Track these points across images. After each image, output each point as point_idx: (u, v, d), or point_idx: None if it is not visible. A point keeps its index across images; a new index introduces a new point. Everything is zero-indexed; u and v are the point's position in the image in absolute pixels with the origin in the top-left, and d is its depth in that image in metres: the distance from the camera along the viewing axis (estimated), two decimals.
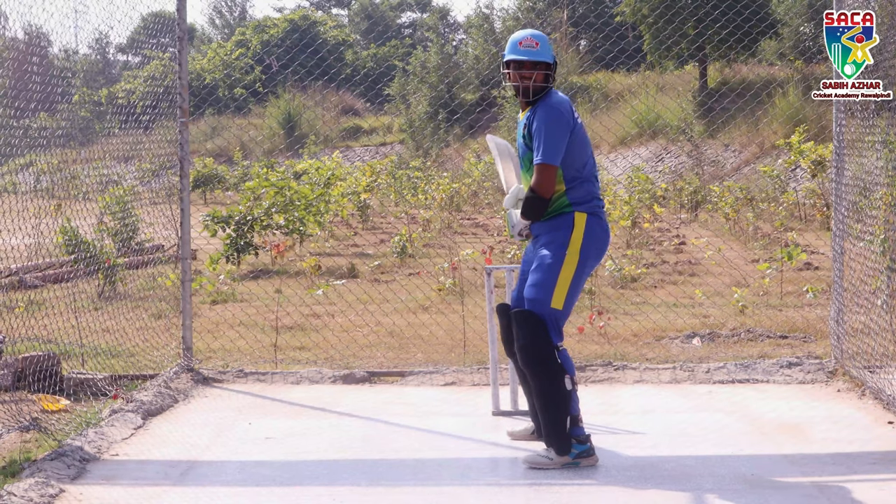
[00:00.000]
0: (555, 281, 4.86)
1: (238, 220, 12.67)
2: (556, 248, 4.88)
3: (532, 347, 4.84)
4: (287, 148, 29.84)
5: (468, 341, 7.81)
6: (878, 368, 6.16)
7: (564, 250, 4.88)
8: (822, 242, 13.08)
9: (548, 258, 4.88)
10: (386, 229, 16.91)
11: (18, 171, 9.40)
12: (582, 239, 4.90)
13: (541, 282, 4.87)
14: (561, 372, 4.84)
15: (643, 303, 9.68)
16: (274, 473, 4.95)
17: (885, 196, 6.27)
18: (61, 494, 4.56)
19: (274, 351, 7.68)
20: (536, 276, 4.90)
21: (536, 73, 4.98)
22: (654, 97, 24.49)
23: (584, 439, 4.89)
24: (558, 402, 4.83)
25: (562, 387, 4.83)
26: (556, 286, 4.86)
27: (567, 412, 4.84)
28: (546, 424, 4.89)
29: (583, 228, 4.90)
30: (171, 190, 7.63)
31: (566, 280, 4.87)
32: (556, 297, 4.86)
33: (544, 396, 4.85)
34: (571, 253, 4.88)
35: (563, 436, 4.85)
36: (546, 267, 4.88)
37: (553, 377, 4.83)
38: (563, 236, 4.89)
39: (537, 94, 4.99)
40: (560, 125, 4.88)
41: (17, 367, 6.46)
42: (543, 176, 4.85)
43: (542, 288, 4.86)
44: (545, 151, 4.84)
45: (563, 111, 4.91)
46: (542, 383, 4.85)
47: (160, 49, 7.96)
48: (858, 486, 4.58)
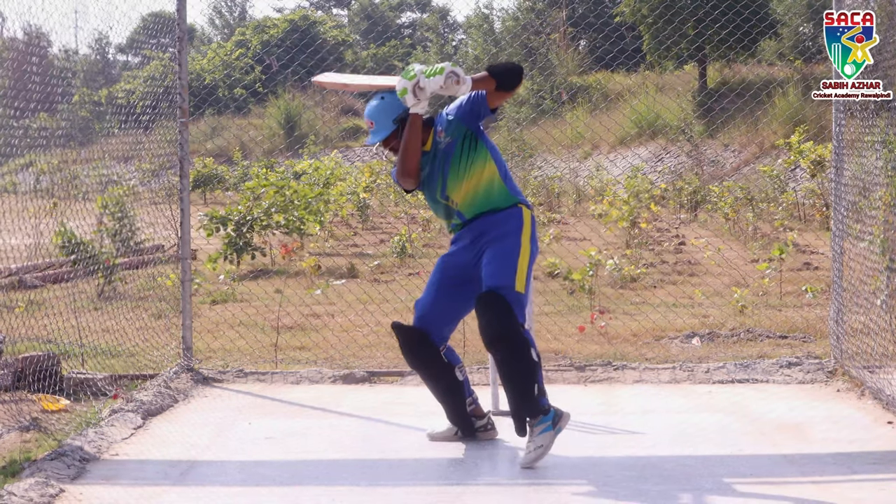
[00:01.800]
0: (515, 266, 4.91)
1: (237, 220, 12.68)
2: (513, 238, 4.94)
3: (500, 325, 4.86)
4: (287, 148, 29.84)
5: (468, 341, 7.81)
6: (877, 368, 6.16)
7: (519, 239, 4.95)
8: (821, 242, 13.08)
9: (506, 247, 4.93)
10: (386, 229, 16.91)
11: (18, 172, 9.39)
12: (530, 233, 5.00)
13: (502, 269, 4.91)
14: (527, 345, 4.89)
15: (643, 303, 9.68)
16: (274, 473, 4.95)
17: (885, 196, 6.27)
18: (61, 494, 4.56)
19: (274, 351, 7.68)
20: (496, 265, 4.93)
21: (393, 144, 5.08)
22: (654, 97, 24.49)
23: (548, 408, 4.93)
24: (530, 371, 4.88)
25: (531, 358, 4.88)
26: (517, 272, 4.91)
27: (535, 380, 4.89)
28: (522, 396, 4.89)
29: (530, 223, 5.01)
30: (171, 190, 7.63)
31: (524, 268, 4.94)
32: (518, 281, 4.90)
33: (516, 371, 4.88)
34: (525, 244, 4.96)
35: (535, 401, 4.89)
36: (506, 254, 4.92)
37: (523, 349, 4.87)
38: (516, 227, 4.97)
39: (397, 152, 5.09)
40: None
41: (17, 367, 6.46)
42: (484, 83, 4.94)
43: (504, 275, 4.89)
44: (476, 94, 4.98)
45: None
46: (513, 357, 4.87)
47: (160, 49, 7.96)
48: (858, 486, 4.58)
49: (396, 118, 5.05)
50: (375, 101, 5.11)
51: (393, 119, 5.06)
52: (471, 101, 5.02)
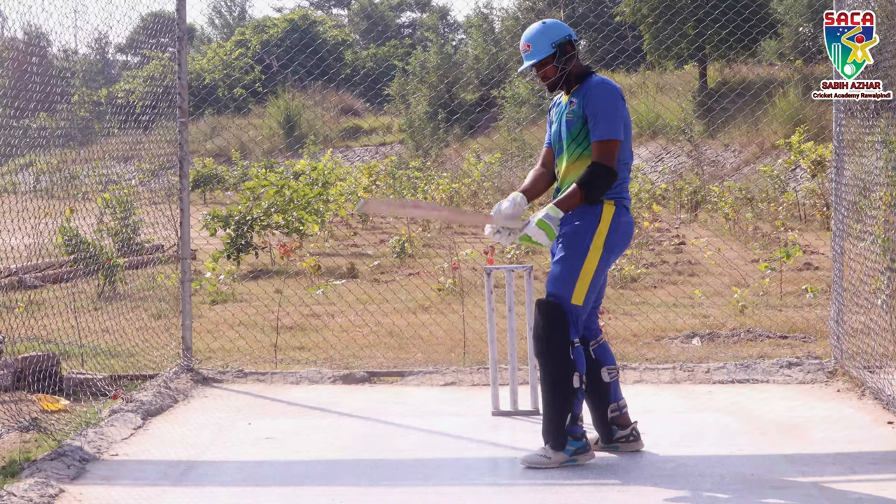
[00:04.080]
0: (576, 276, 4.81)
1: (238, 219, 12.68)
2: (580, 240, 4.81)
3: (549, 339, 4.81)
4: (287, 148, 29.84)
5: (468, 341, 7.81)
6: (877, 368, 6.15)
7: (589, 243, 4.81)
8: (821, 242, 13.07)
9: (571, 250, 4.82)
10: (386, 229, 16.91)
11: (18, 172, 9.39)
12: (608, 231, 4.83)
13: (562, 276, 4.82)
14: (572, 368, 4.81)
15: (643, 303, 9.68)
16: (274, 473, 4.95)
17: (885, 196, 6.27)
18: (61, 494, 4.56)
19: (274, 351, 7.68)
20: (558, 268, 4.84)
21: (545, 70, 4.98)
22: (654, 97, 24.49)
23: (580, 436, 4.88)
24: (564, 396, 4.82)
25: (570, 383, 4.81)
26: (577, 282, 4.81)
27: (570, 409, 4.83)
28: (547, 417, 4.88)
29: (609, 220, 4.83)
30: (171, 190, 7.63)
31: (588, 275, 4.81)
32: (577, 293, 4.82)
33: (551, 389, 4.84)
34: (596, 247, 4.81)
35: (562, 431, 4.84)
36: (569, 260, 4.82)
37: (563, 372, 4.80)
38: (590, 227, 4.82)
39: (556, 84, 4.98)
40: (616, 102, 4.85)
41: (17, 367, 6.46)
42: (606, 149, 4.78)
43: (563, 283, 4.81)
44: (606, 127, 4.79)
45: (617, 90, 4.89)
46: (551, 376, 4.83)
47: (160, 49, 7.95)
48: (858, 486, 4.57)
49: (556, 42, 4.97)
50: (538, 24, 5.04)
51: (552, 43, 4.97)
52: (594, 112, 4.85)
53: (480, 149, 25.68)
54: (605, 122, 4.81)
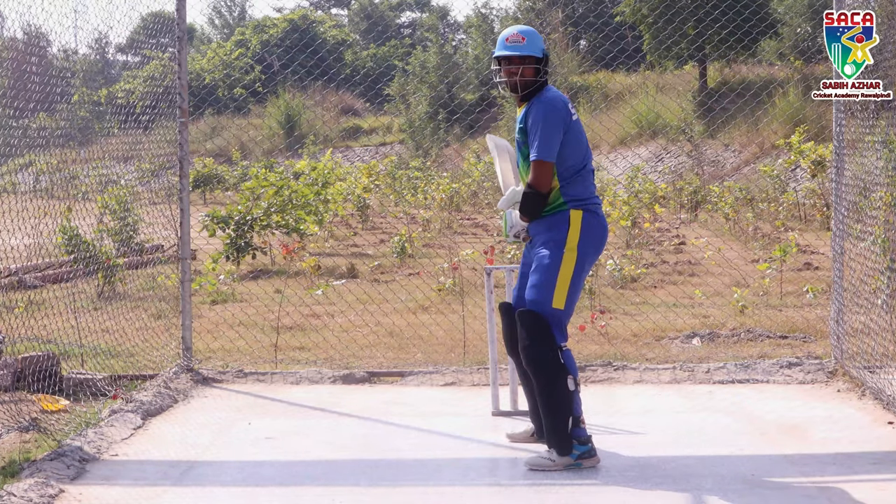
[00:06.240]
0: (554, 281, 4.85)
1: (238, 220, 12.67)
2: (554, 248, 4.87)
3: (535, 348, 4.84)
4: (287, 148, 29.84)
5: (468, 341, 7.81)
6: (877, 368, 6.15)
7: (562, 249, 4.86)
8: (822, 242, 13.07)
9: (546, 258, 4.87)
10: (386, 229, 16.91)
11: (18, 171, 9.39)
12: (579, 236, 4.88)
13: (541, 282, 4.87)
14: (563, 372, 4.83)
15: (643, 303, 9.68)
16: (274, 473, 4.95)
17: (885, 196, 6.27)
18: (61, 494, 4.56)
19: (274, 351, 7.68)
20: (536, 276, 4.89)
21: (524, 68, 4.98)
22: (654, 97, 24.48)
23: (585, 440, 4.89)
24: (560, 402, 4.82)
25: (564, 387, 4.82)
26: (556, 286, 4.85)
27: (569, 413, 4.84)
28: (548, 425, 4.88)
29: (579, 226, 4.89)
30: (171, 190, 7.63)
31: (566, 279, 4.86)
32: (557, 297, 4.85)
33: (547, 397, 4.84)
34: (569, 251, 4.87)
35: (565, 436, 4.85)
36: (545, 267, 4.87)
37: (556, 378, 4.82)
38: (560, 235, 4.88)
39: (526, 88, 4.99)
40: (554, 121, 4.86)
41: (17, 367, 6.46)
42: (538, 172, 4.85)
43: (542, 289, 4.85)
44: (540, 147, 4.83)
45: (558, 107, 4.89)
46: (544, 384, 4.84)
47: (160, 49, 7.95)
48: (858, 486, 4.57)
49: (544, 50, 5.01)
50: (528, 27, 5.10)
51: (542, 49, 5.02)
52: (532, 129, 4.89)
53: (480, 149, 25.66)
54: (539, 142, 4.85)
